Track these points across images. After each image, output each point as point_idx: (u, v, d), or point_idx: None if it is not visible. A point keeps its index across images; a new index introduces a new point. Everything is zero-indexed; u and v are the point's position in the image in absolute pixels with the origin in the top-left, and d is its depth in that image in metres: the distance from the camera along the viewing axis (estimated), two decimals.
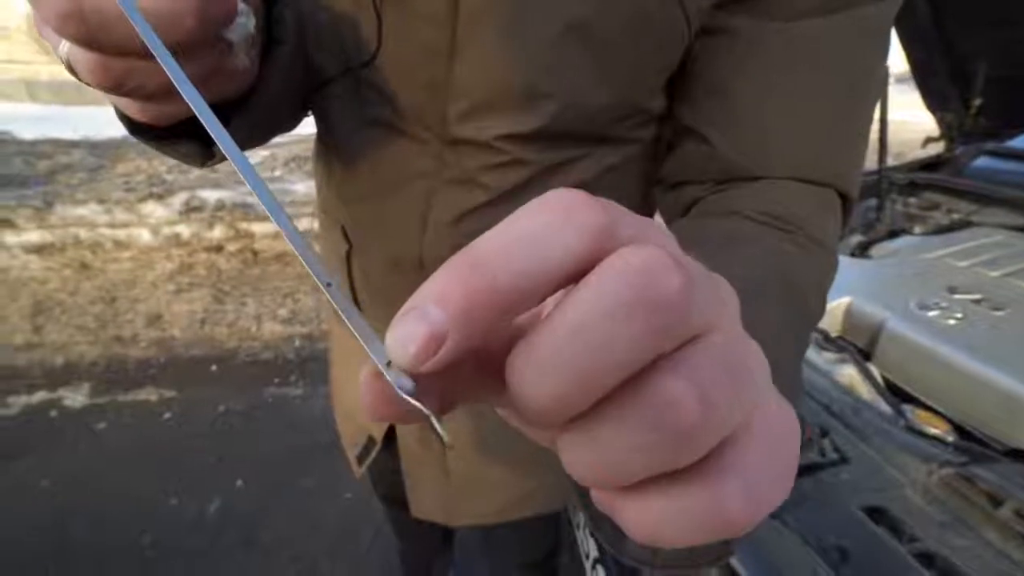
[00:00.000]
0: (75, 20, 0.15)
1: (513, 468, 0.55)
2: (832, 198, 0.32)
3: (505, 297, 0.08)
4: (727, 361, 0.09)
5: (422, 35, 0.27)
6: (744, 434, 0.10)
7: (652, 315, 0.08)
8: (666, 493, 0.09)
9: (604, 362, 0.08)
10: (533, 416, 0.09)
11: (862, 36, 0.29)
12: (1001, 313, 0.69)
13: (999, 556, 0.43)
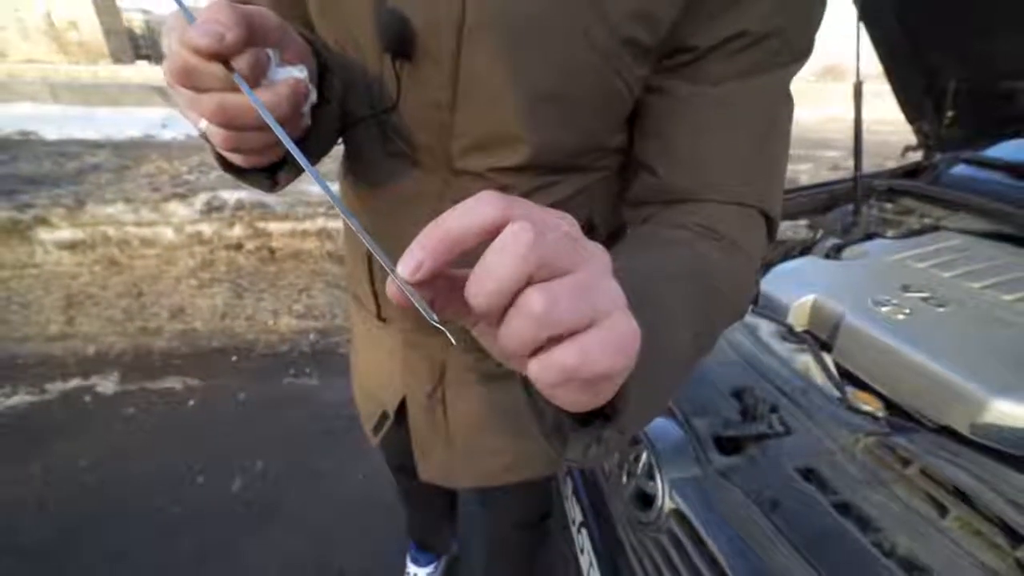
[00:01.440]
0: (220, 113, 0.25)
1: (505, 439, 0.64)
2: (756, 216, 0.40)
3: (453, 240, 0.18)
4: (574, 286, 0.18)
5: (431, 94, 0.36)
6: (588, 327, 0.18)
7: (516, 255, 0.17)
8: (539, 358, 0.18)
9: (500, 281, 0.17)
10: (480, 315, 0.18)
11: (768, 94, 0.37)
12: (943, 309, 0.77)
13: (905, 507, 0.52)
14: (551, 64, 0.34)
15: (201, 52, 0.23)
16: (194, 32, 0.23)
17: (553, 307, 0.16)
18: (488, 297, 0.17)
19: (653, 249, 0.36)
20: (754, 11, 0.32)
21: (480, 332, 0.21)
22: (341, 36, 0.37)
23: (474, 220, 0.17)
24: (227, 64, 0.24)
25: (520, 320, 0.17)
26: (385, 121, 0.39)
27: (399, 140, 0.40)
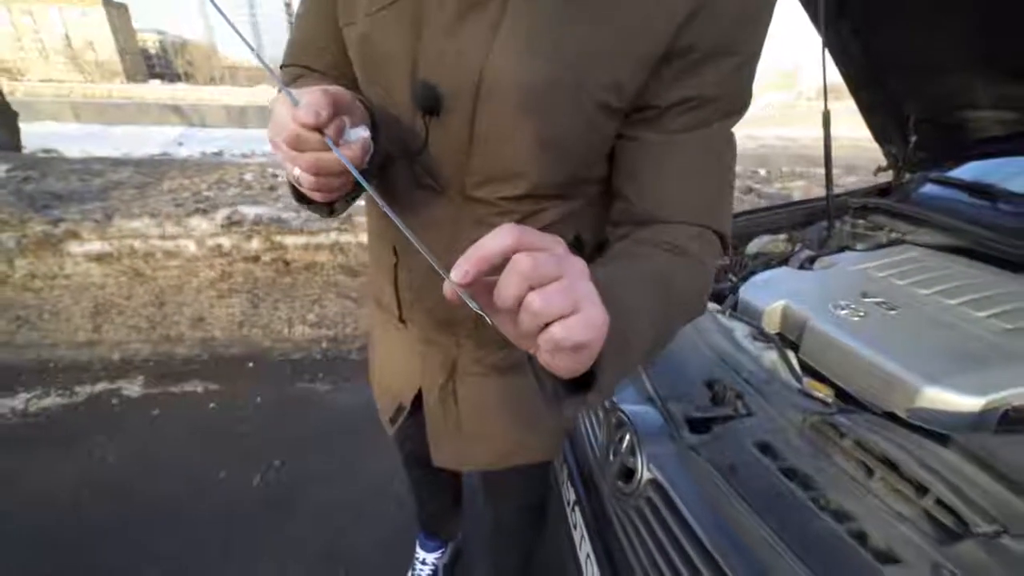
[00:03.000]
0: (315, 166, 0.37)
1: (509, 426, 0.73)
2: (709, 234, 0.51)
3: (486, 259, 0.29)
4: (560, 288, 0.28)
5: (452, 142, 0.47)
6: (571, 314, 0.29)
7: (521, 275, 0.28)
8: (541, 336, 0.29)
9: (512, 292, 0.28)
10: (503, 309, 0.29)
11: (713, 140, 0.48)
12: (894, 312, 0.88)
13: (840, 471, 0.61)
14: (544, 123, 0.45)
15: (306, 126, 0.35)
16: (300, 111, 0.35)
17: (546, 303, 0.27)
18: (505, 301, 0.28)
19: (625, 260, 0.46)
20: (698, 82, 0.44)
21: (501, 322, 0.32)
22: (382, 97, 0.49)
23: (498, 246, 0.28)
24: (320, 131, 0.36)
25: (526, 314, 0.28)
26: (415, 160, 0.51)
27: (426, 175, 0.51)
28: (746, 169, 4.62)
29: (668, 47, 0.42)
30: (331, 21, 0.52)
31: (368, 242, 0.74)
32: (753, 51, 0.44)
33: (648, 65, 0.42)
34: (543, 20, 0.41)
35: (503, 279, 0.28)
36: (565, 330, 0.28)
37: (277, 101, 0.38)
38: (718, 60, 0.43)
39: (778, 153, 6.25)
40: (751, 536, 0.57)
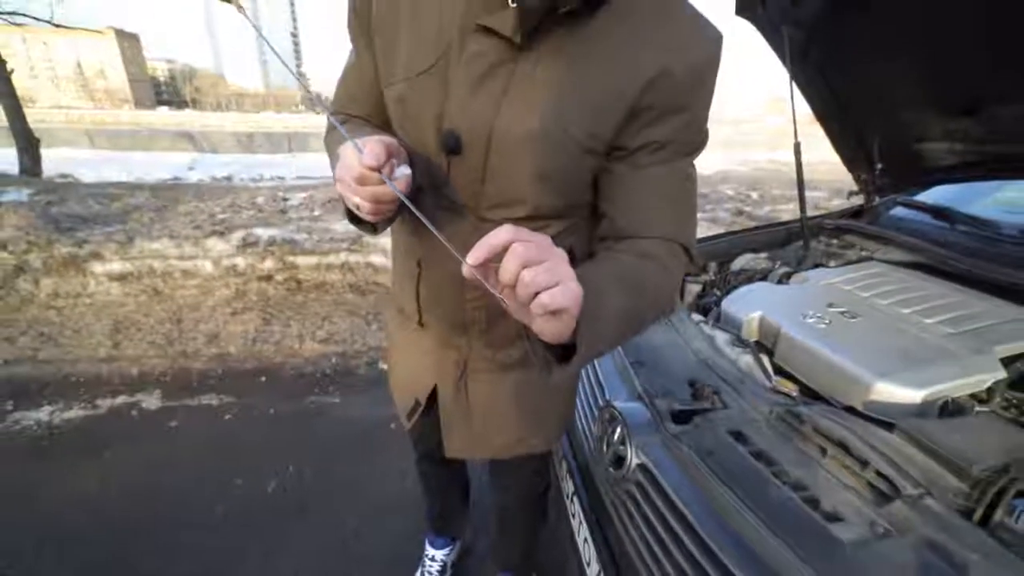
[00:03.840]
0: (374, 198, 0.49)
1: (513, 418, 0.84)
2: (676, 247, 0.63)
3: (492, 248, 0.40)
4: (546, 268, 0.39)
5: (469, 175, 0.59)
6: (554, 285, 0.40)
7: (516, 257, 0.38)
8: (532, 303, 0.40)
9: (510, 267, 0.39)
10: (504, 284, 0.40)
11: (677, 172, 0.60)
12: (855, 320, 0.99)
13: (799, 452, 0.72)
14: (539, 162, 0.57)
15: (369, 168, 0.47)
16: (365, 157, 0.47)
17: (535, 277, 0.39)
18: (506, 277, 0.39)
19: (599, 260, 0.58)
20: (658, 131, 0.56)
21: (505, 297, 0.43)
22: (414, 140, 0.61)
23: (500, 238, 0.40)
24: (378, 171, 0.48)
25: (521, 286, 0.39)
26: (440, 190, 0.63)
27: (448, 201, 0.63)
28: (739, 192, 4.79)
29: (633, 106, 0.54)
30: (371, 82, 0.65)
31: (393, 258, 0.85)
32: (702, 106, 0.57)
33: (618, 119, 0.55)
34: (539, 88, 0.53)
35: (505, 262, 0.39)
36: (550, 297, 0.39)
37: (345, 148, 0.50)
38: (673, 115, 0.56)
39: (771, 176, 6.44)
40: (724, 506, 0.66)
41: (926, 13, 1.03)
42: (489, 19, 0.51)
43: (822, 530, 0.60)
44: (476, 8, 0.52)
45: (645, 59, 0.53)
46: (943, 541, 0.55)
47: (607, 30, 0.53)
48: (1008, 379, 0.80)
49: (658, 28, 0.53)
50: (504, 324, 0.74)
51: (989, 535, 0.56)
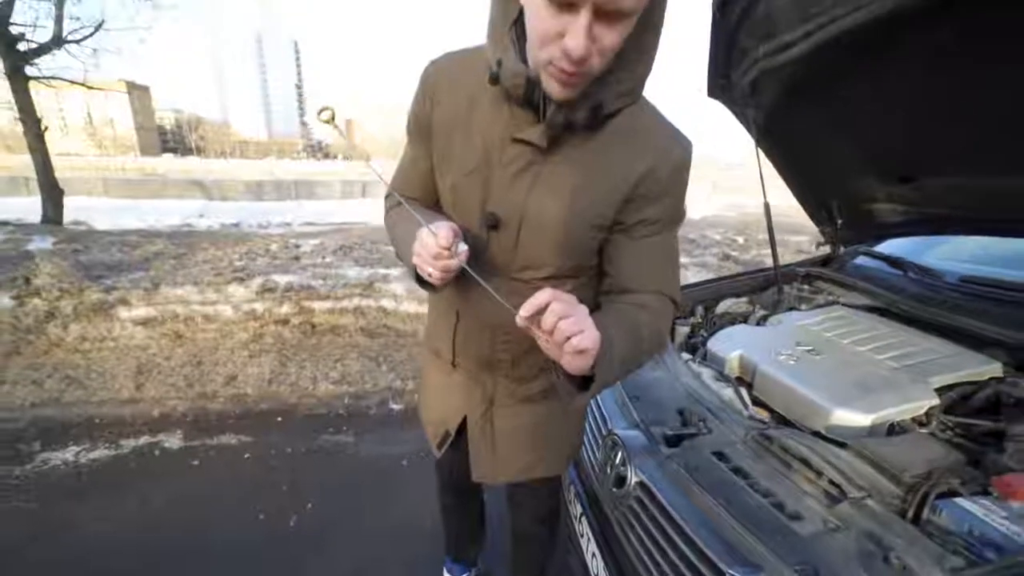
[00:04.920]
0: (445, 269, 0.67)
1: (532, 445, 0.98)
2: (664, 298, 0.81)
3: (538, 306, 0.57)
4: (575, 320, 0.56)
5: (504, 245, 0.77)
6: (579, 332, 0.57)
7: (554, 313, 0.56)
8: (566, 346, 0.57)
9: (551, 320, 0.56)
10: (544, 331, 0.57)
11: (665, 240, 0.79)
12: (819, 357, 1.16)
13: (769, 467, 0.86)
14: (558, 236, 0.76)
15: (444, 247, 0.65)
16: (440, 240, 0.65)
17: (568, 327, 0.56)
18: (547, 326, 0.57)
19: (607, 310, 0.76)
20: (648, 212, 0.75)
21: (542, 340, 0.60)
22: (461, 218, 0.79)
23: (543, 299, 0.57)
24: (448, 250, 0.66)
25: (557, 332, 0.56)
26: (480, 255, 0.81)
27: (487, 264, 0.81)
28: (726, 237, 5.05)
29: (629, 194, 0.73)
30: (423, 173, 0.84)
31: (430, 309, 1.02)
32: (679, 194, 0.76)
33: (618, 204, 0.74)
34: (559, 183, 0.73)
35: (546, 316, 0.56)
36: (579, 340, 0.56)
37: (422, 232, 0.69)
38: (658, 200, 0.75)
39: (757, 221, 6.77)
40: (709, 512, 0.81)
41: (861, 103, 1.26)
42: (523, 133, 0.71)
43: (785, 527, 0.74)
44: (513, 126, 0.72)
45: (637, 162, 0.72)
46: (878, 532, 0.69)
47: (609, 140, 0.72)
48: (941, 405, 0.96)
49: (646, 139, 0.73)
50: (525, 363, 0.90)
51: (916, 528, 0.70)
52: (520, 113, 0.69)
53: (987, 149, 1.14)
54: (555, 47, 0.56)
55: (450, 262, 0.67)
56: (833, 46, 1.04)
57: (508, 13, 0.65)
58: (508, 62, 0.65)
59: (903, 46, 0.98)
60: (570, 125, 0.68)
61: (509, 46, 0.65)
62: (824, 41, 1.04)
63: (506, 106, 0.70)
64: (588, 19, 0.53)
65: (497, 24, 0.66)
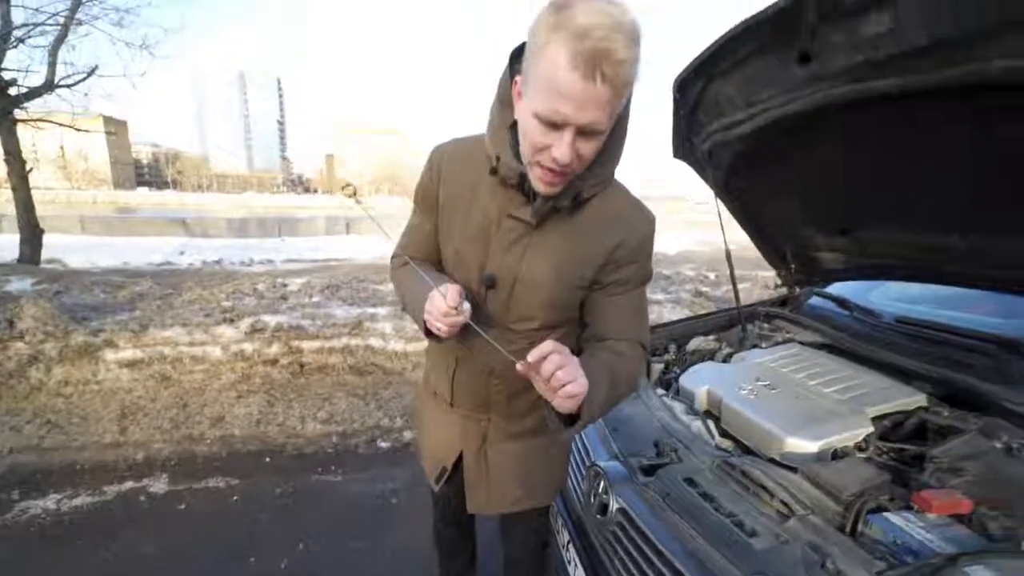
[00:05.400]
0: (453, 324, 0.80)
1: (523, 478, 1.08)
2: (637, 345, 0.94)
3: (541, 354, 0.69)
4: (569, 369, 0.69)
5: (499, 300, 0.90)
6: (572, 381, 0.70)
7: (553, 363, 0.68)
8: (561, 392, 0.69)
9: (550, 369, 0.69)
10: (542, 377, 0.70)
11: (635, 296, 0.93)
12: (775, 391, 1.30)
13: (732, 491, 0.99)
14: (546, 294, 0.90)
15: (452, 306, 0.78)
16: (449, 300, 0.78)
17: (565, 375, 0.69)
18: (546, 373, 0.69)
19: (589, 357, 0.89)
20: (621, 274, 0.90)
21: (540, 385, 0.72)
22: (462, 278, 0.92)
23: (547, 349, 0.70)
24: (456, 309, 0.79)
25: (555, 379, 0.69)
26: (478, 309, 0.94)
27: (484, 317, 0.94)
28: (699, 273, 5.31)
29: (604, 261, 0.88)
30: (427, 237, 0.98)
31: (430, 354, 1.14)
32: (646, 259, 0.91)
33: (596, 269, 0.89)
34: (546, 251, 0.87)
35: (546, 365, 0.68)
36: (572, 387, 0.69)
37: (433, 293, 0.81)
38: (629, 265, 0.90)
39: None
40: (681, 533, 0.92)
41: (800, 169, 1.47)
42: (517, 211, 0.85)
43: (744, 543, 0.86)
44: (508, 205, 0.86)
45: (610, 235, 0.87)
46: (820, 544, 0.82)
47: (587, 217, 0.87)
48: (876, 432, 1.11)
49: (617, 217, 0.88)
50: (516, 404, 1.02)
51: (852, 539, 0.83)
52: (514, 195, 0.84)
53: (908, 209, 1.35)
54: (544, 155, 0.71)
55: (457, 319, 0.79)
56: (771, 128, 1.24)
57: (505, 119, 0.81)
58: (505, 158, 0.80)
59: (827, 130, 1.18)
60: (555, 208, 0.82)
61: (506, 145, 0.80)
62: (764, 124, 1.24)
63: (502, 189, 0.85)
64: (571, 136, 0.68)
65: (496, 126, 0.82)
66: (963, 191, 1.11)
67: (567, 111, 0.66)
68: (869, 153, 1.26)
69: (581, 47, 0.61)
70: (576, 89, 0.63)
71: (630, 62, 0.63)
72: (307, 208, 46.88)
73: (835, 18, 0.87)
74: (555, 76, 0.64)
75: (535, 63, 0.67)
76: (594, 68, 0.62)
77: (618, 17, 0.61)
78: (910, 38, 0.78)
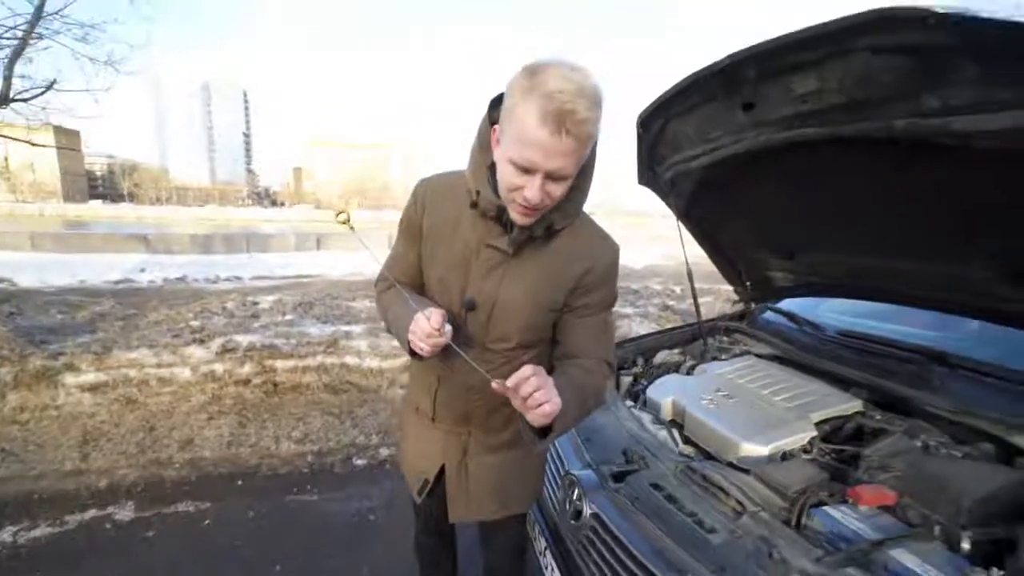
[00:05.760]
0: (436, 344, 0.87)
1: (502, 487, 1.15)
2: (603, 363, 1.03)
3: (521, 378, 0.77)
4: (546, 389, 0.77)
5: (479, 322, 0.97)
6: (547, 400, 0.78)
7: (531, 385, 0.76)
8: (537, 410, 0.77)
9: (528, 389, 0.77)
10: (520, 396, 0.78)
11: (602, 318, 1.03)
12: (732, 400, 1.42)
13: (694, 492, 1.08)
14: (522, 316, 0.98)
15: (436, 328, 0.85)
16: (433, 323, 0.85)
17: (542, 396, 0.77)
18: (525, 394, 0.77)
19: (560, 374, 0.97)
20: (589, 299, 0.99)
21: (517, 403, 0.80)
22: (444, 301, 1.00)
23: (525, 373, 0.77)
24: (439, 331, 0.86)
25: (531, 399, 0.76)
26: (459, 331, 1.01)
27: (465, 337, 1.01)
28: (666, 287, 5.53)
29: (575, 287, 0.97)
30: (411, 264, 1.05)
31: (412, 372, 1.20)
32: (612, 284, 1.01)
33: (566, 293, 0.98)
34: (522, 278, 0.95)
35: (525, 385, 0.76)
36: (550, 407, 0.77)
37: (418, 316, 0.88)
38: (596, 290, 0.99)
39: (693, 270, 7.39)
40: (649, 533, 1.01)
41: (751, 198, 1.62)
42: (495, 241, 0.94)
43: (704, 539, 0.95)
44: (487, 235, 0.95)
45: (579, 263, 0.97)
46: (768, 536, 0.92)
47: (559, 247, 0.96)
48: (820, 436, 1.24)
49: (585, 247, 0.98)
50: (495, 418, 1.09)
51: (796, 531, 0.94)
52: (493, 227, 0.93)
53: (842, 235, 1.51)
54: (518, 194, 0.80)
55: (440, 340, 0.87)
56: (724, 163, 1.39)
57: (484, 159, 0.90)
58: (484, 193, 0.89)
59: (771, 167, 1.33)
60: (530, 238, 0.92)
61: (485, 183, 0.89)
62: (718, 159, 1.38)
63: (482, 221, 0.94)
64: (541, 180, 0.78)
65: (476, 165, 0.91)
66: (884, 222, 1.27)
67: (537, 159, 0.76)
68: (807, 187, 1.41)
69: (550, 108, 0.71)
70: (545, 142, 0.74)
71: (591, 121, 0.74)
72: (273, 221, 45.79)
73: (771, 76, 1.01)
74: (527, 130, 0.74)
75: (511, 117, 0.77)
76: (560, 125, 0.72)
77: (581, 83, 0.72)
78: (830, 98, 0.92)
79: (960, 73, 0.75)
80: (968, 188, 1.01)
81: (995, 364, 1.26)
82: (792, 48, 0.92)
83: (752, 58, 1.01)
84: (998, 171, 0.89)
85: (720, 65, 1.06)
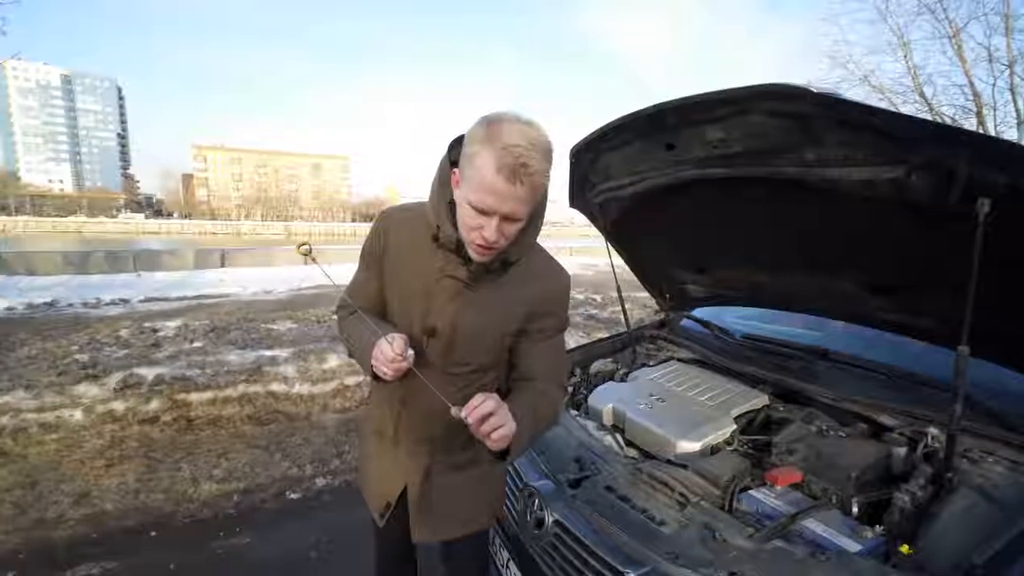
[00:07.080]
0: (398, 370, 0.90)
1: (464, 506, 1.19)
2: (555, 385, 1.12)
3: (474, 407, 0.83)
4: (501, 414, 0.84)
5: (439, 348, 1.01)
6: (504, 426, 0.84)
7: (486, 409, 0.83)
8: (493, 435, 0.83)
9: (481, 417, 0.83)
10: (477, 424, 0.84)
11: (556, 342, 1.12)
12: (663, 403, 1.59)
13: (643, 491, 1.21)
14: (480, 341, 1.04)
15: (398, 354, 0.88)
16: (396, 348, 0.88)
17: (497, 422, 0.83)
18: (479, 421, 0.83)
19: (516, 397, 1.04)
20: (542, 324, 1.08)
21: (474, 429, 0.85)
22: (405, 328, 1.03)
23: (477, 402, 0.83)
24: (401, 356, 0.89)
25: (487, 425, 0.83)
26: (420, 356, 1.04)
27: (425, 360, 1.05)
28: (588, 297, 5.86)
29: (529, 313, 1.06)
30: (374, 290, 1.07)
31: (374, 397, 1.20)
32: (564, 310, 1.11)
33: (522, 319, 1.06)
34: (480, 305, 1.01)
35: (478, 414, 0.82)
36: (506, 430, 0.84)
37: (381, 341, 0.90)
38: (549, 315, 1.09)
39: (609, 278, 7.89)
40: (608, 532, 1.11)
41: (669, 222, 1.83)
42: (454, 272, 0.99)
43: (655, 531, 1.07)
44: (447, 266, 1.00)
45: (532, 291, 1.05)
46: (708, 522, 1.06)
47: (514, 276, 1.04)
48: (738, 429, 1.44)
49: (539, 276, 1.07)
50: (455, 438, 1.14)
51: (730, 515, 1.09)
52: (452, 258, 0.99)
53: (744, 254, 1.77)
54: (476, 234, 0.88)
55: (402, 365, 0.91)
56: (648, 192, 1.56)
57: (444, 196, 0.96)
58: (444, 227, 0.95)
59: (688, 197, 1.53)
60: (487, 270, 0.99)
61: (445, 218, 0.95)
62: (643, 189, 1.55)
63: (442, 252, 0.99)
64: (497, 221, 0.85)
65: (436, 201, 0.97)
66: (776, 244, 1.52)
67: (493, 203, 0.84)
68: (715, 215, 1.64)
69: (506, 160, 0.80)
70: (500, 188, 0.82)
71: (543, 172, 0.84)
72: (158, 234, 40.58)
73: (689, 124, 1.18)
74: (485, 179, 0.82)
75: (470, 164, 0.84)
76: (515, 176, 0.81)
77: (534, 138, 0.82)
78: (734, 146, 1.11)
79: (831, 136, 0.96)
80: (838, 220, 1.26)
81: (865, 358, 1.56)
82: (707, 105, 1.10)
83: (676, 108, 1.18)
84: (859, 209, 1.13)
85: (649, 111, 1.21)
